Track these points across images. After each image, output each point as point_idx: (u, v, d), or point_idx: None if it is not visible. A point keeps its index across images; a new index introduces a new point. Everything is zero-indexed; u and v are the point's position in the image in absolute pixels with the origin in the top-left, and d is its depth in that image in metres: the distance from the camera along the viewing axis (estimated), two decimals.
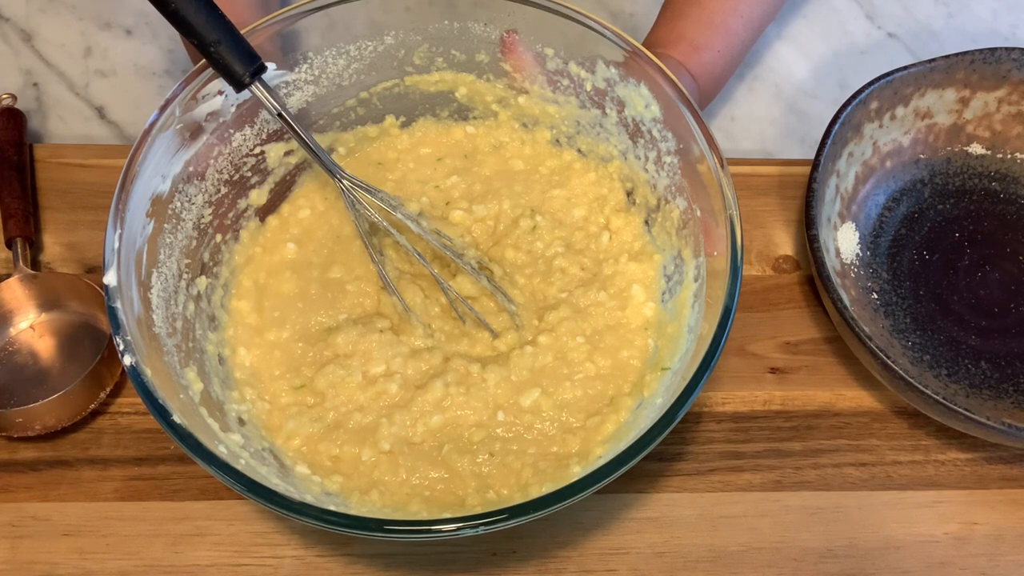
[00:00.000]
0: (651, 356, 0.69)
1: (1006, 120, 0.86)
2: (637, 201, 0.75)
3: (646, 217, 0.74)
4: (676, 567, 0.71)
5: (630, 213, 0.75)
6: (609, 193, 0.76)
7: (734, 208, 0.64)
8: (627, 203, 0.75)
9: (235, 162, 0.71)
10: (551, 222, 0.75)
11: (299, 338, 0.70)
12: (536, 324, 0.71)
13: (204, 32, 0.61)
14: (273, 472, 0.61)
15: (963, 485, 0.75)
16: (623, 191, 0.75)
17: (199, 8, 0.60)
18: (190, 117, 0.66)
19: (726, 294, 0.61)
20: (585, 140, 0.76)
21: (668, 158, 0.70)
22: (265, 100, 0.64)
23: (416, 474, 0.65)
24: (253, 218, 0.74)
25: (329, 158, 0.68)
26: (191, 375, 0.64)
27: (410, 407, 0.67)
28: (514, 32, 0.72)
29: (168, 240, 0.66)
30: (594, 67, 0.72)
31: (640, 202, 0.74)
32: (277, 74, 0.71)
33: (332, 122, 0.76)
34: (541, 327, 0.70)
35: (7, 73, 0.93)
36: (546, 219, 0.75)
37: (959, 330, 0.80)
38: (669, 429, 0.57)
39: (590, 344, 0.70)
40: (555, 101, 0.75)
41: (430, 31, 0.74)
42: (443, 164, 0.78)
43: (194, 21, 0.60)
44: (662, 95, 0.69)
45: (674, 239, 0.71)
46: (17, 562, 0.69)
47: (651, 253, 0.73)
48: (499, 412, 0.67)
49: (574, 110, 0.75)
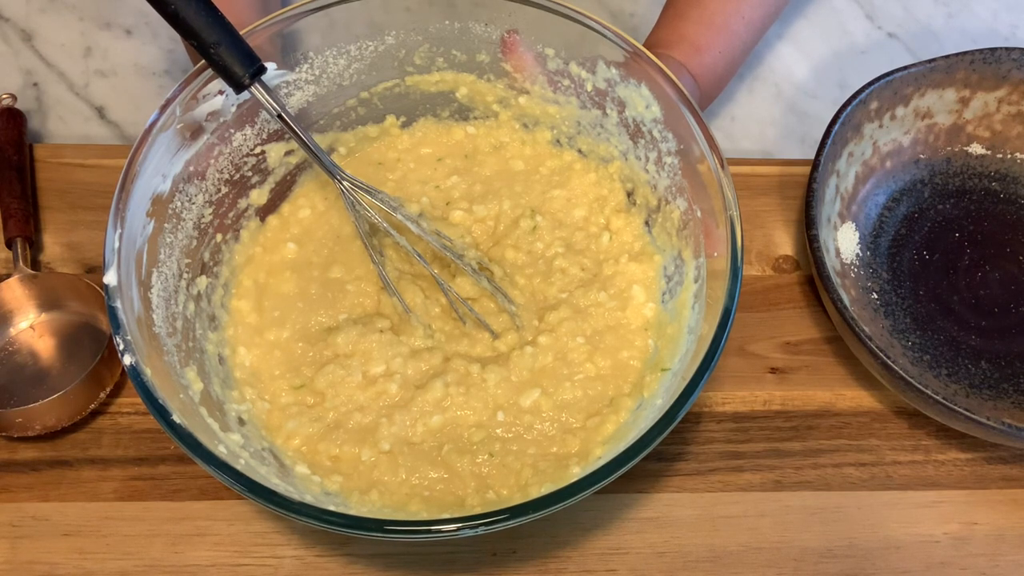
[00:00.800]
0: (651, 357, 0.69)
1: (1006, 120, 0.86)
2: (637, 202, 0.75)
3: (646, 218, 0.74)
4: (676, 567, 0.71)
5: (630, 214, 0.75)
6: (609, 194, 0.76)
7: (734, 209, 0.64)
8: (627, 204, 0.75)
9: (235, 162, 0.71)
10: (551, 222, 0.75)
11: (299, 338, 0.70)
12: (536, 324, 0.71)
13: (204, 34, 0.61)
14: (273, 472, 0.61)
15: (963, 485, 0.75)
16: (623, 191, 0.76)
17: (199, 9, 0.60)
18: (191, 117, 0.66)
19: (726, 295, 0.61)
20: (586, 140, 0.76)
21: (669, 159, 0.70)
22: (265, 101, 0.64)
23: (416, 474, 0.65)
24: (253, 218, 0.74)
25: (329, 159, 0.68)
26: (191, 375, 0.64)
27: (410, 407, 0.67)
28: (515, 32, 0.72)
29: (168, 240, 0.66)
30: (595, 67, 0.72)
31: (640, 202, 0.74)
32: (277, 74, 0.71)
33: (332, 122, 0.76)
34: (541, 327, 0.70)
35: (7, 73, 0.93)
36: (546, 219, 0.75)
37: (959, 330, 0.80)
38: (669, 430, 0.57)
39: (590, 345, 0.70)
40: (556, 101, 0.75)
41: (431, 31, 0.74)
42: (443, 164, 0.78)
43: (194, 23, 0.60)
44: (663, 96, 0.69)
45: (674, 240, 0.71)
46: (17, 562, 0.69)
47: (651, 254, 0.73)
48: (499, 412, 0.67)
49: (575, 110, 0.75)
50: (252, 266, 0.73)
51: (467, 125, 0.79)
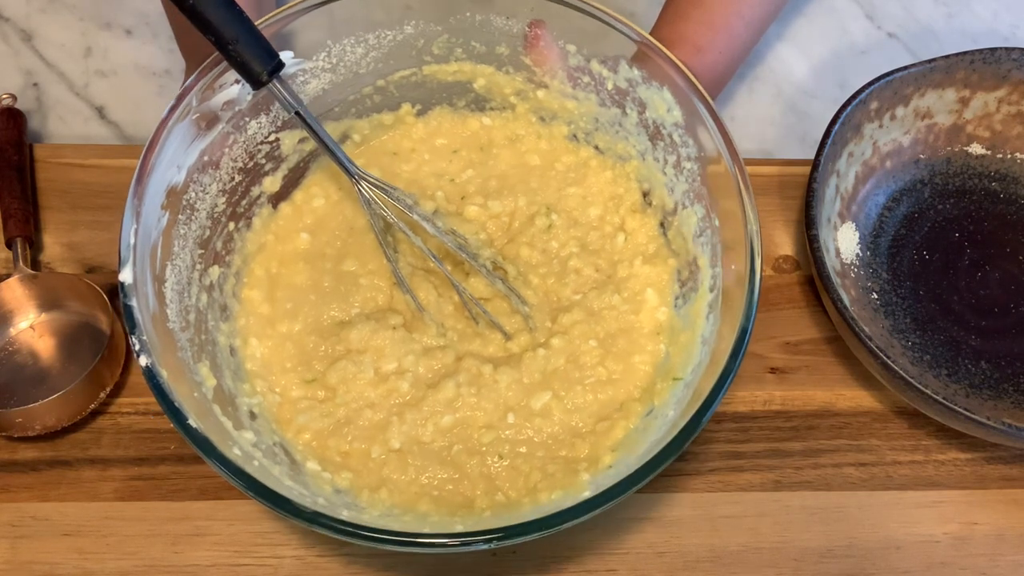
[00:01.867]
0: (663, 362, 0.69)
1: (1006, 120, 0.86)
2: (653, 203, 0.74)
3: (661, 219, 0.74)
4: (676, 567, 0.71)
5: (646, 214, 0.74)
6: (625, 193, 0.75)
7: (755, 226, 0.63)
8: (643, 204, 0.75)
9: (249, 150, 0.71)
10: (566, 221, 0.75)
11: (311, 331, 0.69)
12: (549, 326, 0.70)
13: (223, 30, 0.60)
14: (285, 471, 0.61)
15: (963, 485, 0.75)
16: (639, 191, 0.75)
17: (219, 5, 0.59)
18: (207, 106, 0.66)
19: (743, 315, 0.61)
20: (603, 137, 0.76)
21: (688, 164, 0.70)
22: (283, 99, 0.63)
23: (425, 473, 0.65)
24: (266, 205, 0.73)
25: (345, 155, 0.67)
26: (204, 370, 0.63)
27: (421, 406, 0.66)
28: (541, 23, 0.71)
29: (182, 231, 0.66)
30: (616, 67, 0.71)
31: (656, 204, 0.74)
32: (295, 62, 0.70)
33: (348, 109, 0.76)
34: (554, 329, 0.70)
35: (7, 73, 0.93)
36: (561, 217, 0.74)
37: (959, 330, 0.80)
38: (685, 447, 0.57)
39: (602, 348, 0.69)
40: (574, 97, 0.75)
41: (451, 22, 0.73)
42: (458, 156, 0.78)
43: (213, 18, 0.59)
44: (685, 101, 0.68)
45: (690, 245, 0.70)
46: (17, 562, 0.69)
47: (665, 257, 0.73)
48: (509, 414, 0.67)
49: (593, 107, 0.74)
50: (264, 255, 0.72)
51: (483, 116, 0.78)
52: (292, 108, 0.64)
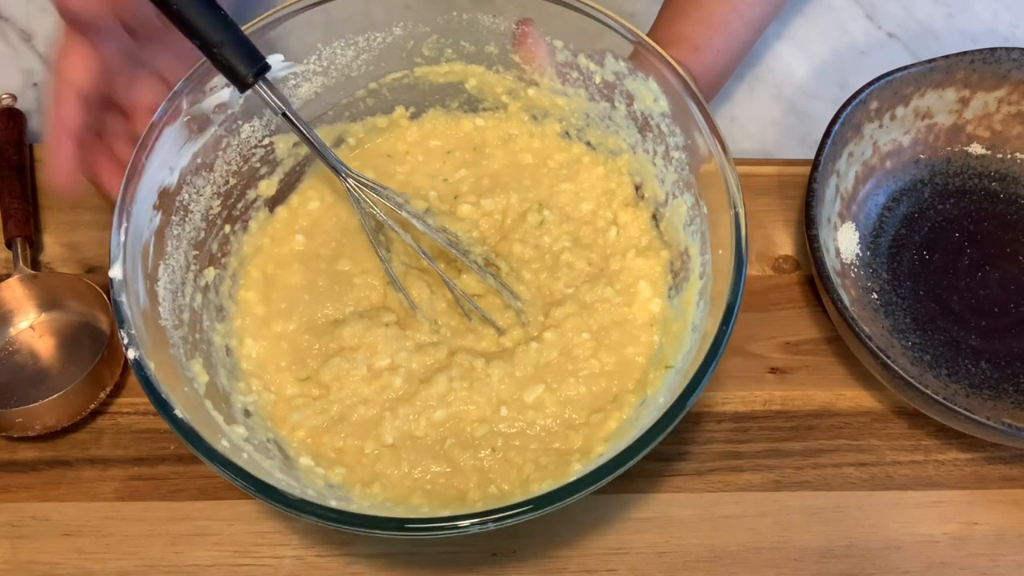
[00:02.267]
0: (656, 353, 0.69)
1: (1006, 120, 0.86)
2: (645, 196, 0.74)
3: (654, 212, 0.74)
4: (676, 567, 0.71)
5: (638, 208, 0.75)
6: (618, 187, 0.76)
7: (739, 205, 0.63)
8: (635, 198, 0.75)
9: (244, 153, 0.71)
10: (559, 216, 0.75)
11: (305, 330, 0.70)
12: (542, 320, 0.71)
13: (207, 33, 0.60)
14: (277, 465, 0.61)
15: (963, 485, 0.75)
16: (632, 185, 0.75)
17: (201, 8, 0.59)
18: (198, 109, 0.66)
19: (729, 292, 0.61)
20: (594, 133, 0.76)
21: (676, 153, 0.70)
22: (269, 101, 0.63)
23: (418, 467, 0.65)
24: (262, 208, 0.74)
25: (334, 155, 0.68)
26: (197, 367, 0.64)
27: (414, 401, 0.67)
28: (528, 21, 0.72)
29: (176, 232, 0.66)
30: (603, 60, 0.71)
31: (648, 196, 0.74)
32: (285, 65, 0.70)
33: (341, 112, 0.76)
34: (547, 323, 0.70)
35: (7, 73, 0.93)
36: (554, 213, 0.75)
37: (959, 330, 0.80)
38: (671, 427, 0.57)
39: (595, 340, 0.69)
40: (564, 93, 0.75)
41: (439, 22, 0.73)
42: (452, 157, 0.78)
43: (197, 22, 0.59)
44: (671, 90, 0.68)
45: (681, 235, 0.71)
46: (17, 562, 0.69)
47: (658, 249, 0.73)
48: (502, 407, 0.67)
49: (583, 103, 0.75)
50: (260, 257, 0.73)
51: (476, 117, 0.79)
52: (279, 109, 0.64)
